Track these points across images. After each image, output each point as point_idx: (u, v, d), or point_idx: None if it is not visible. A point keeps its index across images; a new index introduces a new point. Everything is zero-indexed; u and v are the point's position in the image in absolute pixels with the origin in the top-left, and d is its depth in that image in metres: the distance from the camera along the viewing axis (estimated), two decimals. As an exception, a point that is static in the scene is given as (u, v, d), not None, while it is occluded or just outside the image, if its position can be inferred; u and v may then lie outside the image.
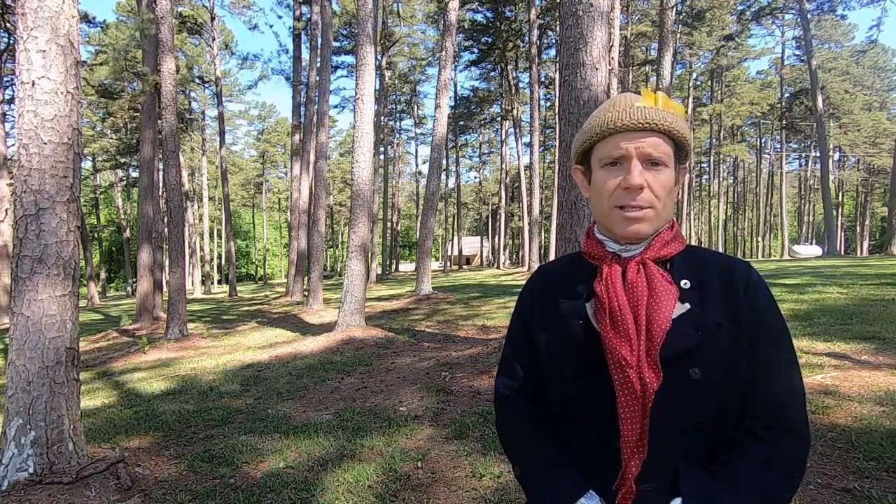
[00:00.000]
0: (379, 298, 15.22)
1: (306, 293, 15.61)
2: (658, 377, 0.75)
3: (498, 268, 36.65)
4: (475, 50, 32.27)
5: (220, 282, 48.04)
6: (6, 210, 14.53)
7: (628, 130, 0.81)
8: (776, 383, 0.79)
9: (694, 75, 37.49)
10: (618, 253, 0.85)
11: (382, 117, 29.36)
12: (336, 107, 37.55)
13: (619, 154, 0.81)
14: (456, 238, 48.51)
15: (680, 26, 25.83)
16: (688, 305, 0.80)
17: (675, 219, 0.89)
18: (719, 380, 0.77)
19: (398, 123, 43.08)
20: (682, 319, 0.79)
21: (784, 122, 37.85)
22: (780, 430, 0.78)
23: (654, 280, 0.80)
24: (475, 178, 56.31)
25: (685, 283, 0.82)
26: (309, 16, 17.99)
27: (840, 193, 46.89)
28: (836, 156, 45.93)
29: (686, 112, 0.86)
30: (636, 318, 0.78)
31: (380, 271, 33.64)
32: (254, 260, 63.18)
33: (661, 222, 0.84)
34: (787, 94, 37.56)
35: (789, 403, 0.79)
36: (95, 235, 39.17)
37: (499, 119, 36.31)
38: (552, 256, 19.59)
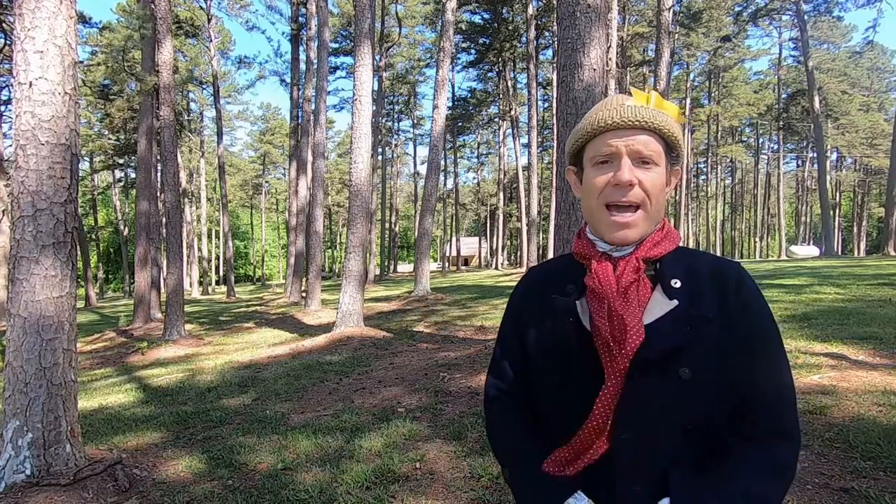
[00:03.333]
0: (377, 299, 15.21)
1: (304, 294, 15.59)
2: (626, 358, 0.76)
3: (496, 269, 36.67)
4: (473, 51, 32.34)
5: (217, 283, 47.94)
6: (3, 210, 14.50)
7: (618, 128, 0.81)
8: (768, 386, 0.79)
9: (691, 76, 37.60)
10: (608, 252, 0.85)
11: (380, 118, 29.35)
12: (334, 107, 37.58)
13: (610, 151, 0.82)
14: (454, 239, 48.45)
15: (677, 27, 25.87)
16: (676, 302, 0.80)
17: (666, 218, 0.88)
18: (709, 380, 0.77)
19: (396, 124, 43.10)
20: (671, 316, 0.79)
21: (781, 122, 37.98)
22: (772, 434, 0.78)
23: (629, 276, 0.81)
24: (473, 178, 56.35)
25: (675, 282, 0.82)
26: (305, 16, 17.99)
27: (837, 194, 46.99)
28: (834, 156, 46.05)
29: (682, 113, 0.86)
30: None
31: (377, 272, 33.59)
32: (252, 261, 63.09)
33: (650, 225, 0.83)
34: (784, 96, 37.68)
35: (781, 406, 0.79)
36: (93, 236, 39.03)
37: (497, 120, 36.37)
38: (550, 257, 19.57)
